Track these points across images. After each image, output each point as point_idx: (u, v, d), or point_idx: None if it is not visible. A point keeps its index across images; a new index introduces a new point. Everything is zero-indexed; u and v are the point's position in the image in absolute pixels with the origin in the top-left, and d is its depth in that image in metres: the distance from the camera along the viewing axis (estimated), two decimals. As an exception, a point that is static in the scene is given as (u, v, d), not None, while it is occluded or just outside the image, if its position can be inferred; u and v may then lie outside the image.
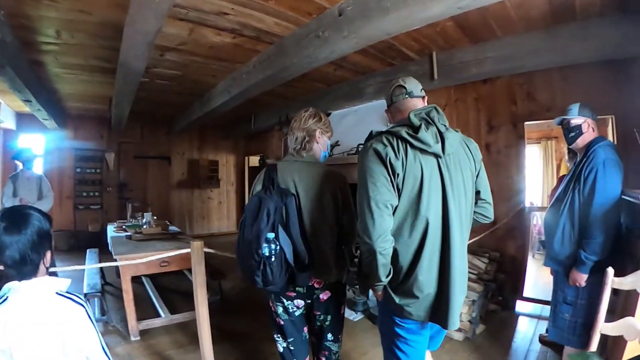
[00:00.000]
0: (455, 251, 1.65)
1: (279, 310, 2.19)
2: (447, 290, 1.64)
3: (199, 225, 10.18)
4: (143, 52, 3.50)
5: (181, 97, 6.46)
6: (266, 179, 2.09)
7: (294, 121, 2.21)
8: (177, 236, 4.85)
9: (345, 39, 3.02)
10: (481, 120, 4.75)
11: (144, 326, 3.74)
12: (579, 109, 2.57)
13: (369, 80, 5.08)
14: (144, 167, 9.31)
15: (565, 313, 2.55)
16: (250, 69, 4.43)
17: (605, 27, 3.21)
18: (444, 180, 1.66)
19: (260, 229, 1.86)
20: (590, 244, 2.30)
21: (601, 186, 2.29)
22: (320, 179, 2.08)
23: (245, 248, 1.92)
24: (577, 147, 2.61)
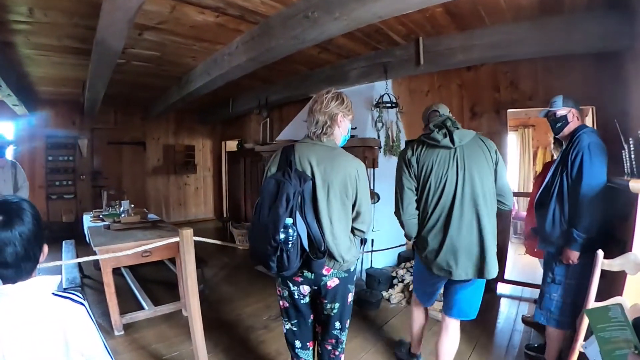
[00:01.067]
0: (459, 223, 2.31)
1: (285, 294, 2.17)
2: (445, 249, 2.35)
3: (176, 212, 9.98)
4: (122, 30, 3.31)
5: (158, 79, 6.24)
6: (282, 160, 2.02)
7: (315, 103, 2.09)
8: (158, 224, 4.72)
9: (337, 20, 2.95)
10: (464, 107, 4.79)
11: (128, 320, 3.63)
12: (563, 100, 2.71)
13: (353, 64, 5.03)
14: (118, 154, 9.02)
15: (554, 293, 2.65)
16: (233, 50, 4.30)
17: (591, 21, 3.28)
18: (457, 166, 2.34)
19: (279, 214, 1.80)
20: (581, 222, 2.40)
21: (588, 168, 2.40)
22: (339, 164, 2.00)
23: (261, 233, 1.85)
24: (563, 135, 2.74)
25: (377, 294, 4.24)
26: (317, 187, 1.96)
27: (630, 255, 1.76)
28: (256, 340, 3.45)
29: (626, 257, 1.77)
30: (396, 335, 3.54)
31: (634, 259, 1.73)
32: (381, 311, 4.09)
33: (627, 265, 1.76)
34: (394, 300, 4.23)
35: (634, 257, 1.73)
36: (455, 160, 2.33)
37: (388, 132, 4.90)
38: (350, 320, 2.30)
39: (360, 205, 2.07)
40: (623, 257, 1.78)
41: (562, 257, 2.56)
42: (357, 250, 2.17)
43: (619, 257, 1.80)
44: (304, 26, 3.20)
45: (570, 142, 2.58)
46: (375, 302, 4.09)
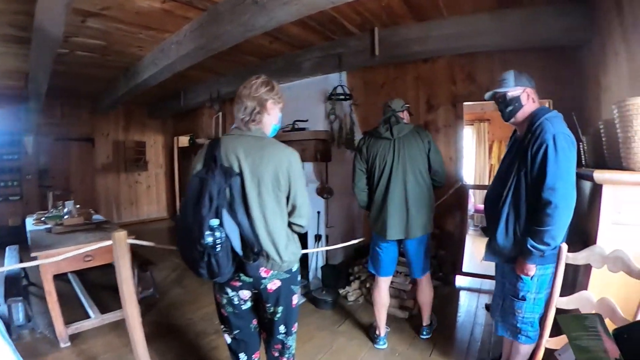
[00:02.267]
0: (392, 195, 3.01)
1: (223, 301, 2.00)
2: (383, 215, 3.06)
3: (127, 212, 9.51)
4: (60, 15, 3.04)
5: (105, 70, 5.88)
6: (208, 156, 1.84)
7: (243, 88, 1.94)
8: (102, 226, 4.42)
9: (286, 5, 2.80)
10: (420, 99, 4.77)
11: (74, 330, 3.36)
12: (514, 78, 2.21)
13: (306, 54, 4.87)
14: (66, 151, 8.46)
15: (518, 309, 2.23)
16: (181, 38, 4.06)
17: (550, 15, 3.28)
18: (394, 153, 3.02)
19: (202, 215, 1.64)
20: (541, 232, 1.95)
21: (553, 165, 1.92)
22: (269, 155, 1.84)
23: (187, 237, 1.71)
24: (516, 121, 2.25)
25: (333, 292, 4.14)
26: (245, 182, 1.80)
27: (595, 248, 1.69)
28: (208, 346, 3.28)
29: (591, 250, 1.70)
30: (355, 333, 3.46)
31: (599, 252, 1.66)
32: (338, 309, 3.99)
33: (593, 259, 1.69)
34: (351, 298, 4.14)
35: (600, 249, 1.67)
36: (392, 148, 3.03)
37: (342, 125, 4.78)
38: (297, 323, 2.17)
39: (295, 198, 1.91)
40: (588, 250, 1.71)
41: (516, 270, 2.16)
42: (296, 247, 2.02)
43: (584, 250, 1.73)
44: (253, 12, 3.03)
45: (529, 131, 2.08)
46: (331, 301, 3.99)
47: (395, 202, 3.01)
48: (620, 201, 1.91)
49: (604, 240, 1.92)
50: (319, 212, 4.62)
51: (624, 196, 1.90)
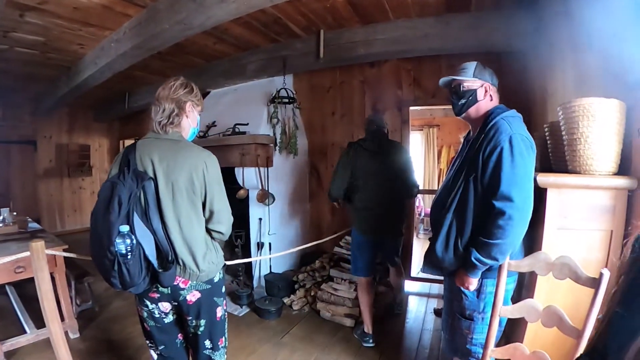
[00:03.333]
0: (372, 197, 3.31)
1: (144, 314, 1.89)
2: (368, 216, 3.34)
3: (71, 220, 9.03)
4: None
5: (46, 69, 5.56)
6: (123, 160, 1.76)
7: (162, 89, 1.87)
8: (38, 235, 4.17)
9: (224, 3, 2.73)
10: (366, 104, 4.79)
11: (9, 347, 3.11)
12: (475, 70, 2.01)
13: (251, 56, 4.77)
14: (6, 154, 7.93)
15: (466, 329, 1.99)
16: (120, 36, 3.88)
17: (497, 20, 3.32)
18: (378, 161, 3.30)
19: (111, 221, 1.56)
20: (489, 245, 1.72)
21: (508, 171, 1.69)
22: (184, 159, 1.77)
23: (97, 244, 1.61)
24: (469, 117, 2.02)
25: (277, 301, 4.03)
26: (160, 187, 1.72)
27: (540, 255, 1.60)
28: (147, 361, 3.12)
29: (535, 256, 1.61)
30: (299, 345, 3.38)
31: (544, 259, 1.57)
32: (283, 319, 3.89)
33: (537, 266, 1.59)
34: (296, 307, 4.04)
35: (545, 256, 1.58)
36: (377, 159, 3.31)
37: (285, 129, 4.69)
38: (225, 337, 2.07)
39: (212, 204, 1.83)
40: (532, 256, 1.62)
41: (456, 281, 1.95)
42: (216, 255, 1.92)
43: (528, 257, 1.64)
44: (190, 9, 2.94)
45: (482, 131, 1.86)
46: (275, 310, 3.88)
47: (380, 205, 3.36)
48: (565, 205, 1.84)
49: (550, 246, 1.84)
50: (261, 219, 4.52)
51: (570, 200, 1.83)
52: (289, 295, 4.19)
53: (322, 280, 4.19)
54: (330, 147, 5.12)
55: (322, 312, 3.85)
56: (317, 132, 5.21)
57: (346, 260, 4.15)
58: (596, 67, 2.10)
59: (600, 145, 1.76)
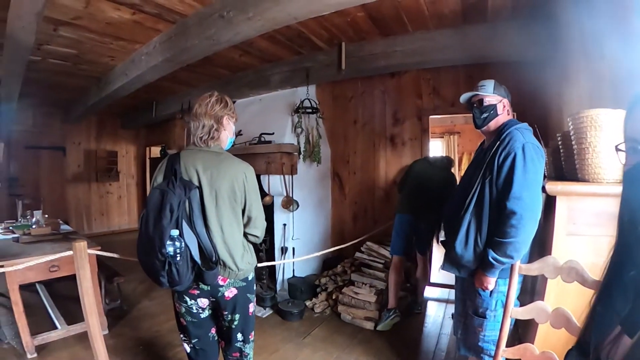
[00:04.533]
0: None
1: (182, 310, 2.05)
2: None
3: (98, 223, 9.33)
4: (31, 24, 3.07)
5: (77, 79, 5.81)
6: (168, 169, 1.93)
7: (199, 106, 2.02)
8: (69, 236, 4.36)
9: (250, 20, 2.87)
10: (387, 113, 4.88)
11: (40, 341, 3.31)
12: (494, 87, 2.22)
13: (275, 68, 4.93)
14: (37, 159, 8.27)
15: (479, 327, 2.12)
16: (150, 50, 4.09)
17: (513, 30, 3.38)
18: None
19: (164, 226, 1.73)
20: (503, 244, 1.90)
21: (520, 176, 1.89)
22: (226, 169, 1.95)
23: (148, 247, 1.77)
24: (488, 130, 2.23)
25: (300, 304, 4.15)
26: (204, 194, 1.90)
27: (549, 259, 1.66)
28: (175, 358, 3.25)
29: (545, 261, 1.67)
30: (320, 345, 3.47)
31: (553, 263, 1.63)
32: (305, 321, 4.00)
33: (546, 269, 1.66)
34: (318, 309, 4.15)
35: (553, 260, 1.64)
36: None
37: (308, 138, 4.83)
38: (253, 332, 2.23)
39: (250, 210, 2.02)
40: (541, 260, 1.68)
41: (475, 282, 2.09)
42: (252, 257, 2.11)
43: (537, 261, 1.70)
44: (219, 26, 3.10)
45: (498, 139, 2.07)
46: (298, 312, 4.00)
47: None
48: (574, 212, 1.93)
49: (559, 251, 1.93)
50: (285, 224, 4.65)
51: (578, 207, 1.92)
52: (311, 298, 4.30)
53: (343, 284, 4.29)
54: (352, 155, 5.23)
55: (343, 315, 3.94)
56: (339, 140, 5.33)
57: (367, 265, 4.25)
58: (608, 76, 2.14)
59: (608, 154, 1.82)
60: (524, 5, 3.14)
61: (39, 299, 4.39)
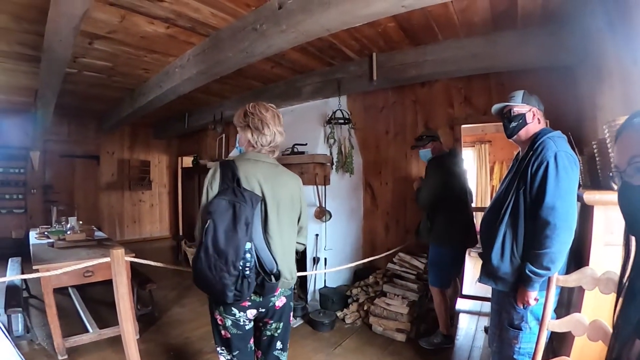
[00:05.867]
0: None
1: (228, 323, 1.97)
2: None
3: (130, 230, 9.58)
4: (68, 38, 3.18)
5: (111, 91, 6.01)
6: (227, 179, 1.86)
7: (274, 118, 2.03)
8: (104, 243, 4.49)
9: (284, 33, 2.90)
10: (418, 123, 4.83)
11: (71, 343, 3.40)
12: (523, 96, 2.24)
13: (306, 79, 4.97)
14: (71, 167, 8.58)
15: (514, 339, 2.08)
16: (184, 62, 4.18)
17: (544, 36, 3.31)
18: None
19: (240, 239, 1.70)
20: (539, 255, 1.86)
21: (552, 184, 1.87)
22: (285, 181, 1.99)
23: (219, 261, 1.71)
24: (519, 139, 2.24)
25: (331, 314, 4.14)
26: (268, 206, 1.89)
27: (586, 270, 1.66)
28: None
29: (582, 272, 1.67)
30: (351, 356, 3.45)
31: (591, 274, 1.63)
32: (335, 331, 3.98)
33: (584, 281, 1.66)
34: (349, 320, 4.13)
35: (591, 271, 1.64)
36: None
37: (341, 149, 4.84)
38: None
39: (303, 220, 2.09)
40: (579, 272, 1.69)
41: (516, 298, 2.04)
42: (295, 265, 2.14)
43: (575, 273, 1.70)
44: (252, 39, 3.14)
45: (531, 149, 2.06)
46: (329, 323, 3.98)
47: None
48: (612, 222, 1.88)
49: (597, 261, 1.89)
50: (317, 234, 4.65)
51: (616, 217, 1.82)
52: (342, 309, 4.28)
53: (375, 295, 4.25)
54: (384, 165, 5.20)
55: (374, 326, 3.91)
56: (371, 150, 5.31)
57: (399, 276, 4.21)
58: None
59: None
60: (553, 11, 3.08)
61: (70, 302, 4.52)
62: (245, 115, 2.00)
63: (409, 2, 2.35)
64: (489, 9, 3.12)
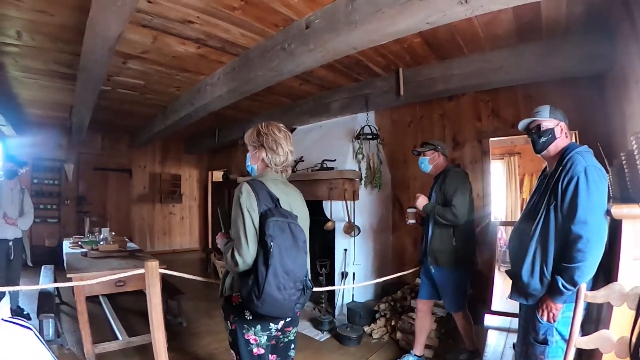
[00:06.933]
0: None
1: (262, 340, 1.96)
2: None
3: (160, 242, 9.83)
4: (104, 58, 3.37)
5: (143, 107, 6.25)
6: (265, 199, 1.85)
7: (286, 138, 2.04)
8: (136, 254, 4.62)
9: (312, 52, 2.98)
10: (446, 137, 4.79)
11: (101, 349, 3.51)
12: (550, 111, 2.22)
13: (334, 95, 5.04)
14: (104, 180, 8.92)
15: (540, 354, 2.06)
16: (215, 80, 4.31)
17: (569, 46, 3.27)
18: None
19: (302, 256, 1.83)
20: (570, 269, 1.86)
21: (584, 199, 1.87)
22: (300, 198, 2.09)
23: (288, 280, 1.76)
24: (548, 154, 2.22)
25: (358, 329, 4.11)
26: (300, 223, 1.95)
27: (615, 286, 1.65)
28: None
29: (611, 287, 1.66)
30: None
31: (619, 290, 1.62)
32: (362, 346, 3.96)
33: (612, 297, 1.65)
34: (376, 335, 4.10)
35: (619, 287, 1.63)
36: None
37: (369, 164, 4.84)
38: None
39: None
40: (607, 287, 1.68)
41: (541, 308, 2.04)
42: None
43: (603, 288, 1.69)
44: (281, 58, 3.23)
45: (560, 164, 2.06)
46: (356, 338, 3.96)
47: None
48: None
49: (625, 276, 1.85)
50: (346, 249, 4.65)
51: None
52: (370, 324, 4.24)
53: (402, 310, 4.21)
54: (412, 180, 5.17)
55: (402, 342, 3.87)
56: (399, 165, 5.31)
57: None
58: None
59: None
60: (578, 20, 3.03)
61: (100, 309, 4.67)
62: (259, 135, 2.03)
63: (433, 18, 2.37)
64: (512, 20, 3.10)
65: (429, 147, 3.39)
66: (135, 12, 2.79)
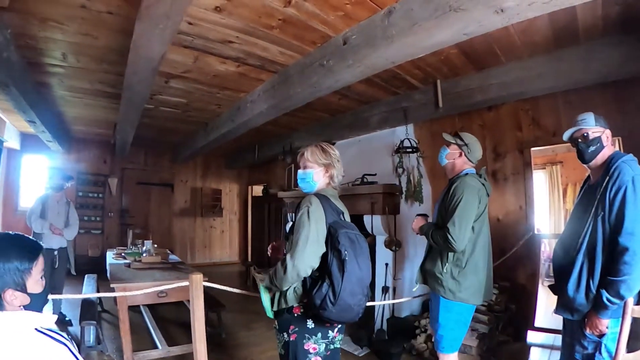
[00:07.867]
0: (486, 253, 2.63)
1: (321, 348, 2.01)
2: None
3: (200, 254, 10.07)
4: (147, 78, 3.53)
5: (185, 124, 6.48)
6: (331, 213, 2.02)
7: (337, 154, 2.21)
8: (177, 266, 4.74)
9: (350, 67, 3.02)
10: (487, 148, 4.68)
11: (140, 358, 3.60)
12: (595, 119, 2.14)
13: (373, 109, 5.06)
14: (147, 194, 9.28)
15: None
16: (255, 98, 4.43)
17: (607, 49, 3.19)
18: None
19: (369, 265, 1.97)
20: (616, 283, 1.80)
21: (632, 209, 1.82)
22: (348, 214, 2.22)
23: (358, 287, 1.89)
24: (596, 164, 2.14)
25: (397, 345, 4.06)
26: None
27: None
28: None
29: None
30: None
31: None
32: (402, 363, 3.90)
33: None
34: (416, 352, 4.04)
35: None
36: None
37: (409, 178, 4.81)
38: None
39: None
40: None
41: (587, 325, 1.98)
42: None
43: None
44: (320, 74, 3.29)
45: (607, 174, 1.99)
46: (395, 353, 3.92)
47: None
48: None
49: None
50: (387, 264, 4.61)
51: None
52: (410, 340, 4.17)
53: (443, 326, 4.13)
54: (453, 193, 5.08)
55: (442, 359, 3.80)
56: (439, 178, 5.12)
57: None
58: None
59: None
60: (615, 21, 2.94)
61: (141, 318, 4.80)
62: (327, 154, 2.16)
63: (470, 29, 2.36)
64: (549, 26, 3.05)
65: (458, 142, 2.81)
66: (177, 34, 2.91)
